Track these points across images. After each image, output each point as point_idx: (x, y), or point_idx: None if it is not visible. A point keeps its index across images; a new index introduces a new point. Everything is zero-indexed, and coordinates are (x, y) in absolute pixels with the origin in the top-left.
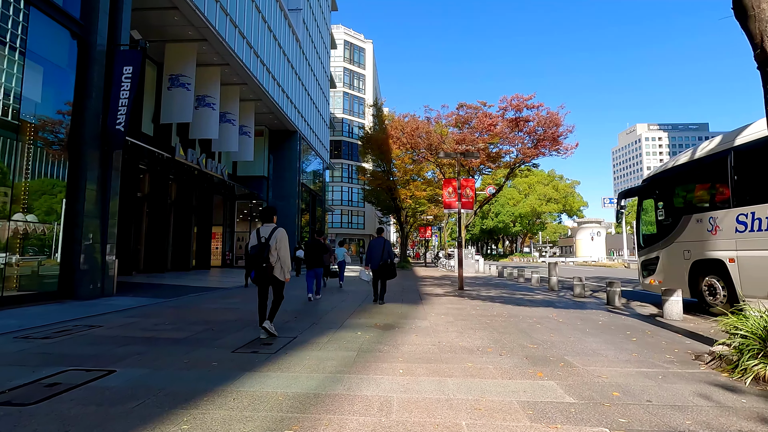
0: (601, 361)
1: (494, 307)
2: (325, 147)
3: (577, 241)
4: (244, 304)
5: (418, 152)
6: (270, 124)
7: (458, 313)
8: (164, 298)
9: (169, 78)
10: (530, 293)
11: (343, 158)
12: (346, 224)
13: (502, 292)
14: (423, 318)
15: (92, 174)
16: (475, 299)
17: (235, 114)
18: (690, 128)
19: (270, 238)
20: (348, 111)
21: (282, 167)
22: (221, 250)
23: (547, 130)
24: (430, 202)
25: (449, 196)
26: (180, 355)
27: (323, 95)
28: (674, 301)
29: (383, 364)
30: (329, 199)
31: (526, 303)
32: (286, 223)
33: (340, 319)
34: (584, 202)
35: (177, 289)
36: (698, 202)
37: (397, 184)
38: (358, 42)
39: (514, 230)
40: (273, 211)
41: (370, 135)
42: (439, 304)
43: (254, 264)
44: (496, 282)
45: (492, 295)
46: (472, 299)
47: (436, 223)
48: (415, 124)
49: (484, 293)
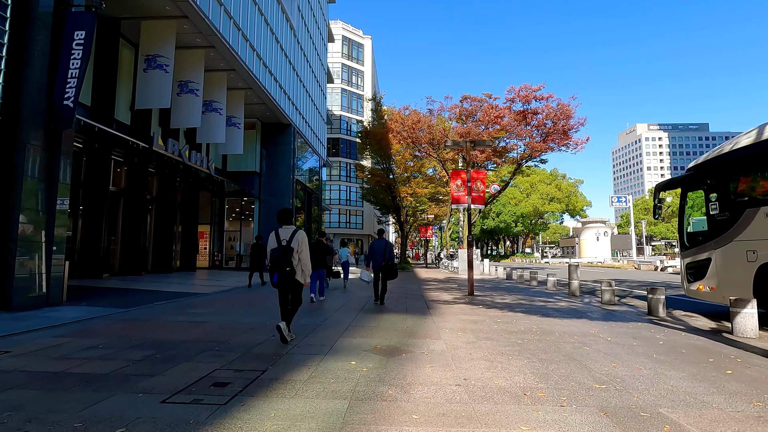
0: (719, 418)
1: (518, 318)
2: (322, 143)
3: (582, 241)
4: (217, 315)
5: (419, 147)
6: (262, 116)
7: (478, 329)
8: (122, 308)
9: (145, 59)
10: (550, 299)
11: (341, 156)
12: (344, 224)
13: (519, 298)
14: (435, 336)
15: (33, 159)
16: (491, 308)
17: (221, 103)
18: (690, 128)
19: (291, 241)
20: (346, 108)
21: (275, 163)
22: (210, 251)
23: (557, 122)
24: (430, 201)
25: (457, 189)
26: (78, 409)
27: (320, 89)
28: (748, 314)
29: (389, 429)
30: (326, 198)
31: (553, 313)
32: None
33: (332, 336)
34: (588, 202)
35: (145, 296)
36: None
37: (397, 182)
38: (357, 38)
39: (515, 230)
40: (291, 214)
41: (368, 129)
42: (451, 314)
43: (277, 267)
44: (507, 286)
45: (509, 303)
46: (488, 308)
47: (437, 223)
48: (416, 117)
49: (499, 300)
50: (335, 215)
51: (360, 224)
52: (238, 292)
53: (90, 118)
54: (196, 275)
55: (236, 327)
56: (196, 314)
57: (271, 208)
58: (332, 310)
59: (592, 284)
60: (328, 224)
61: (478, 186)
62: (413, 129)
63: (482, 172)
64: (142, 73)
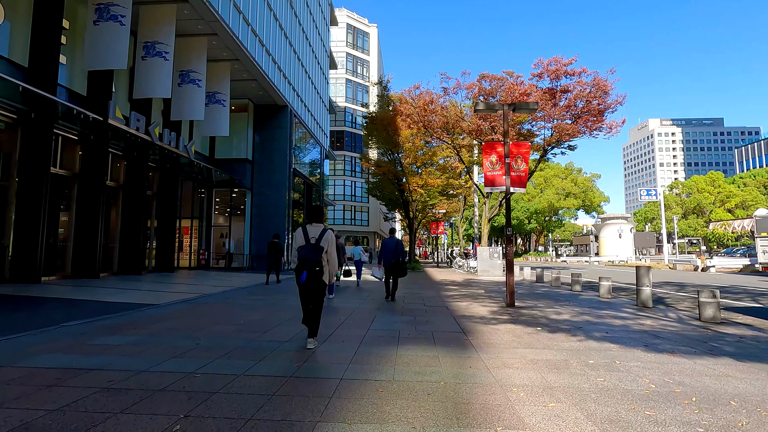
0: None
1: (617, 356)
2: (325, 132)
3: (602, 239)
4: (133, 352)
5: (431, 133)
6: (254, 95)
7: (572, 387)
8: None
9: (95, 8)
10: (621, 313)
11: (346, 150)
12: (348, 220)
13: (579, 312)
14: (508, 416)
15: None
16: (555, 331)
17: (200, 73)
18: (704, 123)
19: (321, 240)
20: (351, 99)
21: (269, 149)
22: (196, 248)
23: (591, 101)
24: (441, 195)
25: (492, 167)
26: None
27: (322, 74)
28: None
29: None
30: (330, 193)
31: (658, 343)
32: (275, 216)
33: (319, 405)
34: (605, 197)
35: (63, 310)
36: None
37: (406, 173)
38: (362, 26)
39: (528, 228)
40: (322, 211)
41: (375, 115)
42: (505, 346)
43: (307, 267)
44: (546, 292)
45: (572, 321)
46: (551, 331)
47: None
48: (429, 98)
49: (555, 316)
50: (339, 211)
51: (366, 221)
52: (207, 302)
53: (27, 82)
54: (172, 277)
55: (137, 386)
56: (98, 350)
57: (265, 201)
58: (322, 339)
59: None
60: (332, 221)
61: (519, 164)
62: (425, 110)
63: (525, 144)
64: (92, 27)
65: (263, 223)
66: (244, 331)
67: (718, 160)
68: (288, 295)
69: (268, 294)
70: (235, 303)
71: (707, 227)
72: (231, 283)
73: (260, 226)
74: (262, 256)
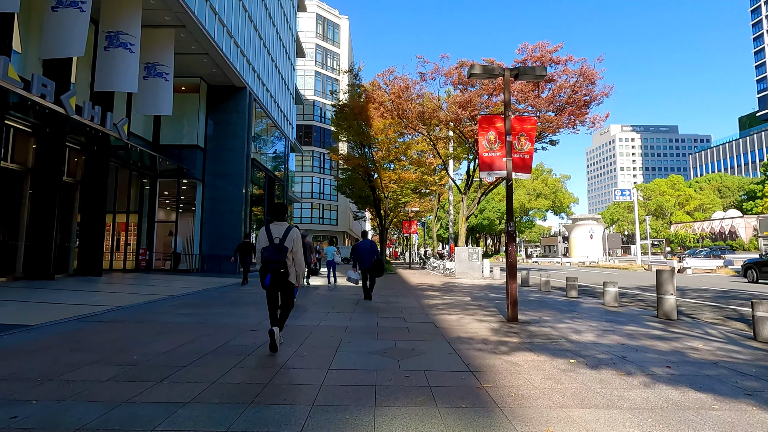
0: None
1: (739, 426)
2: (291, 124)
3: (572, 239)
4: None
5: (406, 123)
6: (207, 74)
7: None
8: None
9: None
10: (651, 329)
11: (315, 145)
12: (316, 219)
13: (603, 330)
14: None
15: None
16: (598, 366)
17: (133, 36)
18: (661, 130)
19: (285, 239)
20: (320, 93)
21: (225, 136)
22: (135, 247)
23: (577, 91)
24: (414, 193)
25: (490, 147)
26: None
27: (288, 59)
28: None
29: None
30: (297, 190)
31: (763, 388)
32: (231, 212)
33: None
34: (575, 198)
35: None
36: None
37: (378, 166)
38: (333, 17)
39: (499, 228)
40: (285, 209)
41: (345, 103)
42: (548, 405)
43: (271, 269)
44: (540, 298)
45: (609, 347)
46: (593, 366)
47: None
48: (404, 83)
49: (576, 336)
50: (307, 209)
51: (335, 220)
52: (111, 320)
53: None
54: (94, 283)
55: None
56: None
57: (220, 194)
58: (274, 368)
59: (636, 292)
60: (298, 219)
61: (523, 143)
62: (399, 98)
63: (530, 119)
64: None
65: (216, 219)
66: (128, 377)
67: (674, 165)
68: (234, 306)
69: (208, 305)
70: (151, 321)
71: (669, 229)
72: (167, 289)
73: (213, 222)
74: (216, 256)
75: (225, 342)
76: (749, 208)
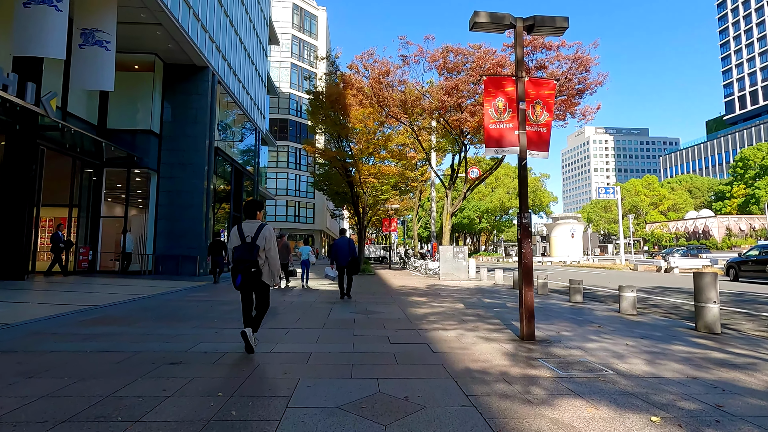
0: None
1: None
2: (263, 114)
3: (553, 238)
4: None
5: (387, 111)
6: (163, 50)
7: None
8: None
9: None
10: (708, 350)
11: (291, 140)
12: (292, 218)
13: (650, 354)
14: None
15: None
16: (693, 427)
17: None
18: (632, 132)
19: (257, 238)
20: (297, 86)
21: (183, 120)
22: (77, 247)
23: (570, 78)
24: (394, 189)
25: (497, 117)
26: None
27: (259, 43)
28: None
29: None
30: (272, 187)
31: None
32: (190, 207)
33: None
34: (554, 197)
35: None
36: None
37: (357, 160)
38: (310, 8)
39: (479, 227)
40: (258, 206)
41: (320, 90)
42: None
43: (241, 269)
44: (542, 304)
45: (673, 382)
46: (686, 424)
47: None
48: (386, 68)
49: (621, 363)
50: (282, 207)
51: (311, 218)
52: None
53: None
54: (8, 290)
55: None
56: None
57: (177, 186)
58: None
59: (642, 296)
60: (272, 217)
61: (539, 113)
62: (380, 83)
63: (548, 83)
64: None
65: (174, 214)
66: None
67: (645, 167)
68: (168, 321)
69: (135, 320)
70: (31, 350)
71: (645, 228)
72: (93, 297)
73: (170, 218)
74: (172, 256)
75: (115, 390)
76: (718, 208)
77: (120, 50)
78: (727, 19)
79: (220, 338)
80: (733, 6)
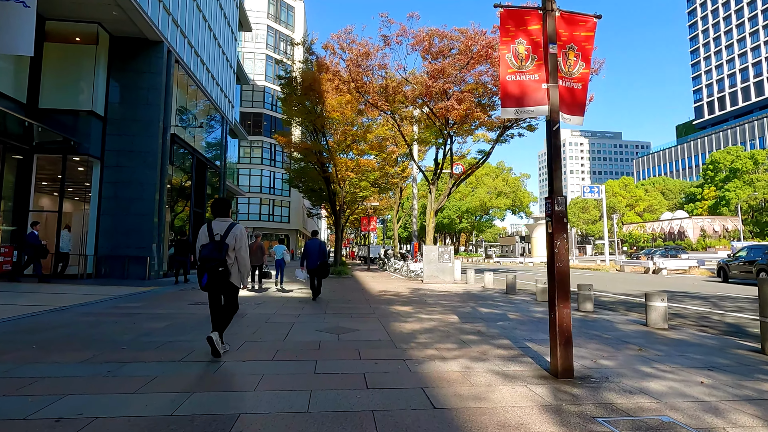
0: None
1: None
2: (232, 102)
3: (534, 239)
4: None
5: (367, 98)
6: (108, 19)
7: None
8: None
9: None
10: None
11: (265, 135)
12: (266, 216)
13: (725, 390)
14: None
15: None
16: None
17: None
18: (606, 136)
19: (227, 236)
20: (272, 79)
21: (133, 102)
22: None
23: None
24: (373, 186)
25: (518, 66)
26: None
27: (227, 24)
28: None
29: None
30: (244, 184)
31: None
32: (140, 200)
33: None
34: (534, 198)
35: None
36: None
37: (333, 154)
38: None
39: (459, 227)
40: (228, 204)
41: (293, 76)
42: None
43: (208, 268)
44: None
45: None
46: None
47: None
48: (365, 49)
49: (730, 430)
50: (255, 205)
51: (286, 217)
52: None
53: None
54: None
55: None
56: None
57: (125, 177)
58: None
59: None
60: (245, 215)
61: (573, 62)
62: (359, 65)
63: (586, 20)
64: None
65: (121, 209)
66: None
67: (619, 169)
68: (41, 355)
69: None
70: None
71: (622, 229)
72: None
73: (116, 213)
74: (118, 257)
75: None
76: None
77: (55, 17)
78: (697, 26)
79: (105, 387)
80: (702, 14)
